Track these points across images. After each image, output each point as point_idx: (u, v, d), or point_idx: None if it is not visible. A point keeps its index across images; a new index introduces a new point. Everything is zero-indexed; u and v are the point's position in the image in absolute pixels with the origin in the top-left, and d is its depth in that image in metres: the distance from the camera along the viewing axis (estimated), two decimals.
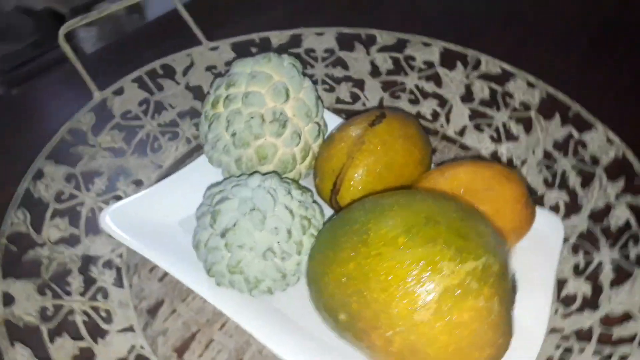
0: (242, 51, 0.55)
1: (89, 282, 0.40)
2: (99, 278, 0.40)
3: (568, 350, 0.36)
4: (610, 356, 0.34)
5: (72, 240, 0.42)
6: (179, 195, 0.46)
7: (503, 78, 0.52)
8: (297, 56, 0.54)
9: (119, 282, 0.41)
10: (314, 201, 0.39)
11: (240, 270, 0.35)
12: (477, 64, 0.53)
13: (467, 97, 0.54)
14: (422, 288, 0.29)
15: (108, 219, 0.42)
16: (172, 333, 0.39)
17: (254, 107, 0.40)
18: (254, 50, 0.57)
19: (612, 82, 0.61)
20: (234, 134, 0.41)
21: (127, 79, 0.51)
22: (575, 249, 0.43)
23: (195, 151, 0.52)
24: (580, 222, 0.44)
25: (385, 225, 0.31)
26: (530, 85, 0.51)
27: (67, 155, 0.46)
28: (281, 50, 0.55)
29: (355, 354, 0.35)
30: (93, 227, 0.43)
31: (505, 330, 0.31)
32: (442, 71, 0.55)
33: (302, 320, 0.38)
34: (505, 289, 0.31)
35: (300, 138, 0.42)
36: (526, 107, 0.51)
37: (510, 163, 0.50)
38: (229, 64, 0.55)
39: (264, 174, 0.38)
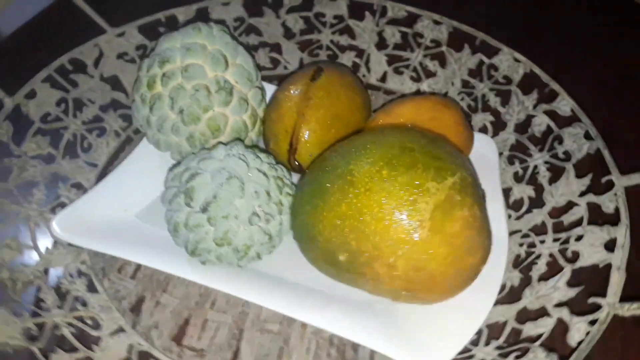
0: (151, 33, 0.53)
1: (62, 294, 0.37)
2: (71, 288, 0.38)
3: (531, 245, 0.40)
4: (567, 239, 0.39)
5: (28, 256, 0.39)
6: (128, 189, 0.44)
7: (410, 20, 0.55)
8: None
9: (92, 288, 0.39)
10: (278, 162, 0.40)
11: (228, 241, 0.35)
12: (384, 11, 0.56)
13: (382, 44, 0.56)
14: (414, 210, 0.31)
15: (59, 227, 0.40)
16: (163, 324, 0.38)
17: (195, 79, 0.40)
18: (162, 30, 0.54)
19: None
20: (181, 111, 0.40)
21: (36, 79, 0.47)
22: (510, 160, 0.47)
23: (127, 143, 0.49)
24: (509, 136, 0.49)
25: (366, 162, 0.33)
26: (436, 23, 0.54)
27: None
28: None
29: (353, 298, 0.37)
30: (46, 239, 0.40)
31: (488, 233, 0.34)
32: (352, 23, 0.57)
33: (294, 277, 0.39)
34: (480, 197, 0.34)
35: (247, 104, 0.42)
36: (437, 43, 0.55)
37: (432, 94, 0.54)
38: (140, 47, 0.53)
39: (226, 144, 0.38)
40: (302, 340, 0.38)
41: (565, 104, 0.46)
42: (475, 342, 0.36)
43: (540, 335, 0.35)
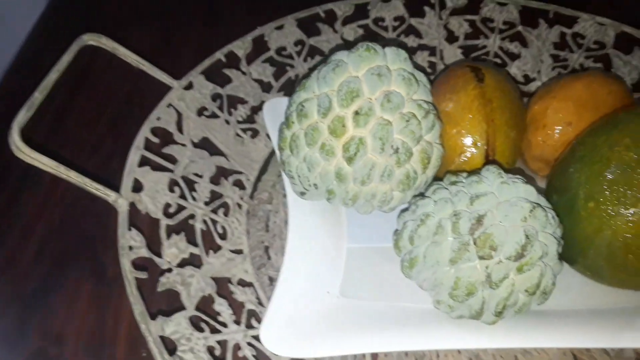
0: (215, 76, 0.43)
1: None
2: None
3: None
4: None
5: None
6: (311, 268, 0.35)
7: (474, 7, 0.52)
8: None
9: None
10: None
11: (538, 285, 0.29)
12: (443, 3, 0.52)
13: (451, 37, 0.52)
14: None
15: (272, 339, 0.30)
16: None
17: (398, 108, 0.32)
18: (227, 71, 0.44)
19: None
20: (396, 151, 0.32)
21: (131, 167, 0.35)
22: None
23: (250, 215, 0.39)
24: None
25: None
26: (501, 4, 0.52)
27: None
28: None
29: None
30: None
31: None
32: (415, 21, 0.52)
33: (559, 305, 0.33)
34: None
35: (438, 123, 0.35)
36: (511, 25, 0.52)
37: (527, 78, 0.51)
38: (216, 98, 0.43)
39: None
40: None
41: None
42: None
43: None
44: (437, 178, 0.35)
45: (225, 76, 0.44)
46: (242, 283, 0.34)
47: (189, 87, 0.41)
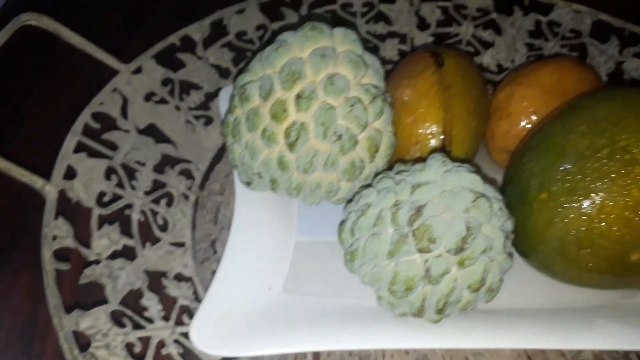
0: (168, 61, 0.41)
1: None
2: None
3: None
4: None
5: None
6: (253, 262, 0.33)
7: None
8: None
9: None
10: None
11: (483, 281, 0.27)
12: None
13: (422, 24, 0.50)
14: None
15: (202, 342, 0.28)
16: None
17: (343, 92, 0.30)
18: (181, 55, 0.43)
19: None
20: (339, 137, 0.30)
21: (65, 151, 0.33)
22: None
23: (199, 206, 0.37)
24: None
25: (638, 131, 0.27)
26: None
27: None
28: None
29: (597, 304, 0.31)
30: None
31: None
32: (385, 7, 0.50)
33: (512, 304, 0.32)
34: None
35: (392, 111, 0.33)
36: (484, 12, 0.50)
37: (500, 68, 0.49)
38: (167, 83, 0.41)
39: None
40: None
41: None
42: None
43: None
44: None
45: (179, 61, 0.43)
46: (180, 277, 0.32)
47: (137, 71, 0.40)
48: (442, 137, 0.35)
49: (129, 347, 0.27)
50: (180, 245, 0.34)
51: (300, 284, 0.33)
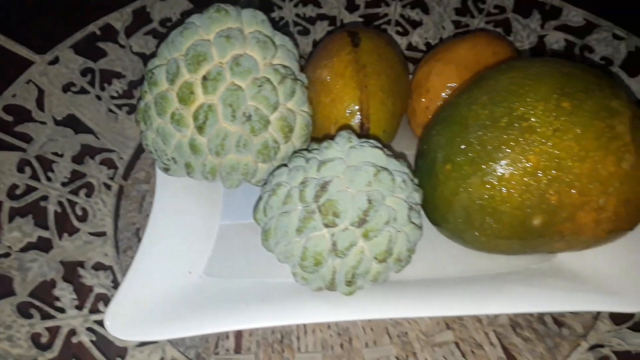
0: (88, 50, 0.40)
1: None
2: None
3: None
4: None
5: None
6: (174, 247, 0.33)
7: None
8: None
9: None
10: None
11: (390, 252, 0.27)
12: None
13: (351, 6, 0.51)
14: (615, 135, 0.27)
15: (115, 327, 0.28)
16: None
17: (251, 73, 0.30)
18: (103, 45, 0.42)
19: None
20: (248, 118, 0.30)
21: None
22: None
23: (124, 195, 0.37)
24: None
25: (536, 100, 0.27)
26: None
27: None
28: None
29: (512, 271, 0.32)
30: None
31: None
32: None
33: (433, 274, 0.32)
34: None
35: (306, 91, 0.33)
36: None
37: (429, 46, 0.50)
38: (86, 73, 0.40)
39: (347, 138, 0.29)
40: (485, 336, 0.31)
41: (575, 15, 0.46)
42: None
43: None
44: None
45: (100, 50, 0.42)
46: (99, 267, 0.32)
47: (54, 62, 0.39)
48: (359, 115, 0.35)
49: (34, 337, 0.26)
50: (101, 235, 0.34)
51: (222, 266, 0.33)
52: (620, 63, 0.42)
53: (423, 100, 0.38)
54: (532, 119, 0.27)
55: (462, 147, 0.29)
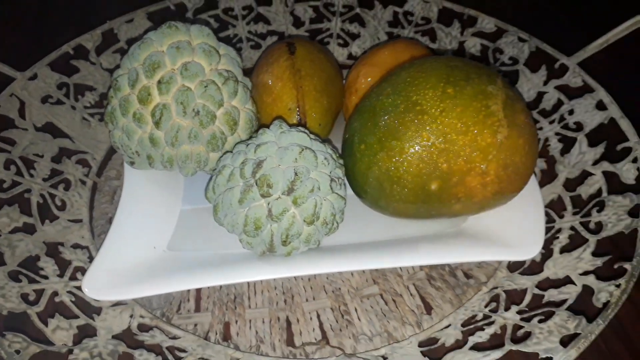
0: (62, 67, 0.46)
1: (156, 352, 0.31)
2: (154, 342, 0.32)
3: (550, 221, 0.39)
4: (589, 212, 0.38)
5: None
6: (142, 226, 0.39)
7: None
8: None
9: (173, 336, 0.33)
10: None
11: (317, 215, 0.34)
12: None
13: (298, 22, 0.57)
14: (490, 113, 0.33)
15: (92, 289, 0.34)
16: (268, 336, 0.35)
17: (198, 76, 0.36)
18: (75, 62, 0.48)
19: None
20: (197, 113, 0.36)
21: None
22: None
23: (97, 189, 0.43)
24: None
25: (427, 89, 0.34)
26: None
27: None
28: None
29: (428, 233, 0.38)
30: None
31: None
32: (263, 10, 0.57)
33: (360, 238, 0.39)
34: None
35: (249, 91, 0.40)
36: (350, 8, 0.58)
37: None
38: (62, 87, 0.46)
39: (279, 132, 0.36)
40: (405, 288, 0.38)
41: (487, 22, 0.53)
42: (494, 309, 0.35)
43: (564, 301, 0.33)
44: None
45: (73, 67, 0.48)
46: (77, 246, 0.38)
47: (33, 77, 0.45)
48: (297, 111, 0.41)
49: (23, 296, 0.32)
50: (78, 221, 0.39)
51: (182, 243, 0.39)
52: (524, 61, 0.50)
53: (353, 98, 0.44)
54: (423, 103, 0.34)
55: (373, 129, 0.35)
